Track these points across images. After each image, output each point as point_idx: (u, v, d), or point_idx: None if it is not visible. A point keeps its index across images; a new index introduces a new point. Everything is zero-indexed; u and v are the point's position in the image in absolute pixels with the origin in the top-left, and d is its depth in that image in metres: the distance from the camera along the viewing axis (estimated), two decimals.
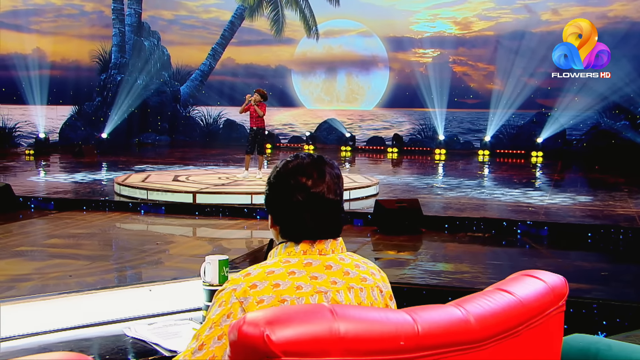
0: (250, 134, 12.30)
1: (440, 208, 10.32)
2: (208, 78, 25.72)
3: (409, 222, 8.95)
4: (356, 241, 8.47)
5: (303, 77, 25.38)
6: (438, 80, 22.93)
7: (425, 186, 13.06)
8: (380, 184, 12.72)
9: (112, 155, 19.45)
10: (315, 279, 1.83)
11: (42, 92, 21.24)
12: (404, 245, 8.26)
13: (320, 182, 1.90)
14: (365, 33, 24.64)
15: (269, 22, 25.08)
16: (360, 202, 10.62)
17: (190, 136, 25.26)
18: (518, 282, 1.61)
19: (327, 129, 23.88)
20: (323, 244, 1.91)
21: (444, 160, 20.02)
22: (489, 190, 12.69)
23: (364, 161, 19.99)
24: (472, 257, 7.80)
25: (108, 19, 24.72)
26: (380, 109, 24.64)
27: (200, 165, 16.40)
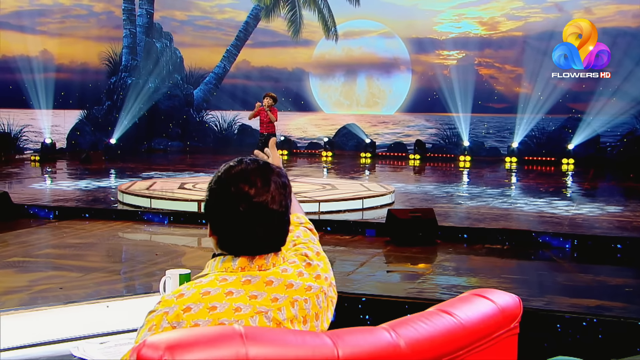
0: (260, 140, 12.29)
1: (458, 218, 10.21)
2: (222, 81, 25.81)
3: (423, 232, 8.86)
4: (367, 252, 8.40)
5: (321, 81, 25.37)
6: (463, 83, 22.79)
7: (445, 195, 12.94)
8: (397, 192, 12.63)
9: (120, 161, 19.56)
10: (255, 297, 1.78)
11: (48, 96, 21.43)
12: (416, 257, 8.17)
13: (264, 191, 1.85)
14: (386, 34, 24.57)
15: (285, 23, 25.13)
16: (374, 212, 10.54)
17: (204, 142, 25.34)
18: (463, 303, 1.54)
19: (346, 135, 23.82)
20: (263, 258, 1.86)
21: (468, 168, 19.87)
22: (512, 199, 12.55)
23: (384, 168, 19.90)
24: (488, 271, 7.69)
25: (118, 20, 24.91)
26: (402, 113, 24.53)
27: (211, 173, 16.37)
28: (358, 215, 10.40)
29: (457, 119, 22.46)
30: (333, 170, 19.03)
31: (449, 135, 23.08)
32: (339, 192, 11.68)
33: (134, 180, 14.17)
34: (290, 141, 23.59)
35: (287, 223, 1.92)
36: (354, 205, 10.77)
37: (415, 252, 8.40)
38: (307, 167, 20.01)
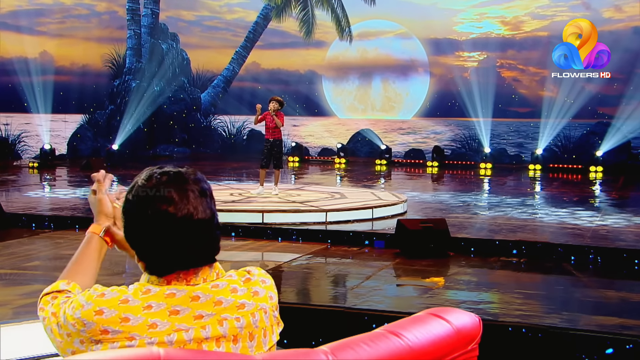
0: (266, 146, 12.25)
1: (473, 229, 10.12)
2: (231, 84, 25.87)
3: (435, 244, 8.78)
4: (374, 265, 8.33)
5: (335, 84, 25.35)
6: (484, 86, 22.68)
7: (461, 204, 12.85)
8: (410, 201, 12.56)
9: (123, 168, 19.60)
10: (176, 313, 1.74)
11: (48, 100, 21.56)
12: (426, 271, 8.09)
13: (183, 204, 1.79)
14: (403, 35, 24.53)
15: (297, 23, 25.16)
16: (384, 222, 10.47)
17: (212, 148, 25.39)
18: (415, 324, 1.48)
19: (361, 141, 23.78)
20: (193, 272, 1.82)
21: (489, 176, 19.75)
22: (533, 209, 12.43)
23: (399, 176, 19.83)
24: (502, 285, 7.60)
25: (122, 20, 25.05)
26: (419, 118, 24.46)
27: (217, 180, 16.40)
28: (367, 225, 10.34)
29: (478, 124, 22.35)
30: (346, 178, 18.98)
31: (468, 141, 22.97)
32: (348, 201, 11.62)
33: None
34: (302, 147, 23.57)
35: (216, 229, 1.87)
36: (363, 215, 10.71)
37: (425, 265, 8.32)
38: (318, 175, 19.97)
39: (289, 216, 10.39)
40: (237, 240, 9.82)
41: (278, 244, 9.61)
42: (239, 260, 8.88)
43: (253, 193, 12.26)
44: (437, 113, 24.07)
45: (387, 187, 16.22)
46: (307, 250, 9.15)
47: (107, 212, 2.17)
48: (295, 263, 8.44)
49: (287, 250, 9.23)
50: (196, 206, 1.81)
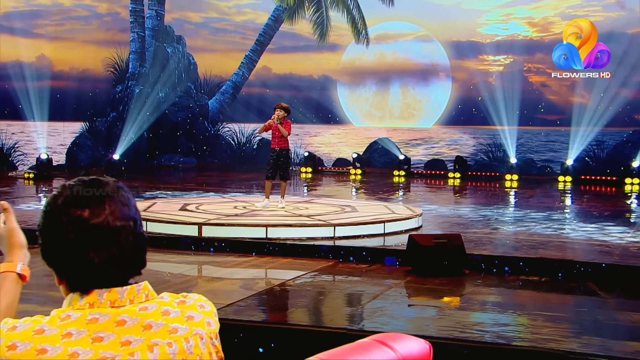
0: (271, 156, 12.25)
1: (492, 245, 10.04)
2: (240, 90, 25.93)
3: (449, 261, 8.71)
4: (383, 283, 8.27)
5: (350, 90, 25.33)
6: (510, 92, 22.60)
7: (481, 219, 12.77)
8: (427, 215, 12.51)
9: (124, 179, 19.67)
10: (100, 340, 1.69)
11: (46, 107, 21.66)
12: (438, 290, 8.02)
13: (99, 210, 1.76)
14: (423, 37, 24.49)
15: (311, 26, 25.20)
16: (397, 238, 10.41)
17: (219, 158, 25.45)
18: (356, 352, 1.44)
19: (378, 151, 23.74)
20: (116, 293, 1.78)
21: (515, 188, 19.65)
22: (559, 224, 12.33)
23: (418, 188, 19.77)
24: (520, 307, 7.52)
25: (125, 22, 25.20)
26: (440, 126, 24.38)
27: (222, 193, 16.43)
28: (378, 241, 10.29)
29: (503, 132, 22.25)
30: (361, 190, 18.95)
31: (493, 151, 22.87)
32: (359, 215, 11.57)
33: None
34: (315, 157, 23.55)
35: (141, 238, 1.83)
36: (374, 229, 10.66)
37: (438, 283, 8.26)
38: (332, 187, 19.96)
39: (294, 231, 10.36)
40: (238, 257, 9.79)
41: (282, 261, 9.57)
42: (239, 278, 8.86)
43: (258, 206, 12.25)
44: (459, 121, 23.98)
45: (403, 200, 16.15)
46: (313, 267, 9.11)
47: (20, 243, 2.14)
48: (299, 281, 8.41)
49: (291, 267, 9.19)
50: (114, 212, 1.77)
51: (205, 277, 9.20)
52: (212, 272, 9.37)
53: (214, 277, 9.10)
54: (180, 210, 11.91)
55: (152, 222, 10.88)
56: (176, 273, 9.15)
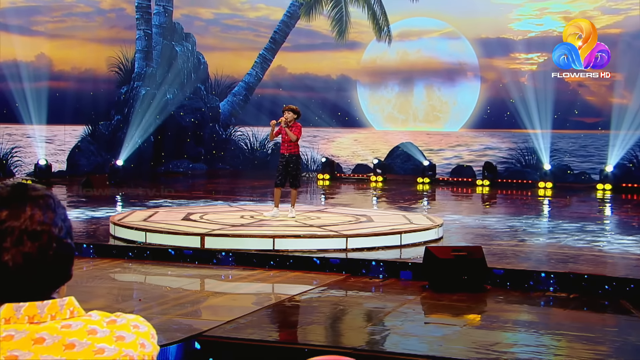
0: (281, 162, 12.20)
1: (517, 259, 9.94)
2: (254, 92, 25.96)
3: (469, 276, 8.62)
4: (396, 299, 8.21)
5: (371, 91, 25.31)
6: (544, 93, 22.45)
7: (508, 230, 12.67)
8: (449, 226, 12.44)
9: (128, 186, 19.74)
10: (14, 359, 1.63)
11: (45, 109, 21.77)
12: (456, 307, 7.94)
13: (19, 211, 1.71)
14: (450, 34, 24.42)
15: (329, 22, 25.21)
16: (415, 250, 10.32)
17: (231, 164, 25.49)
18: None
19: (401, 156, 23.67)
20: (35, 307, 1.72)
21: (549, 197, 19.51)
22: (592, 236, 12.19)
23: (443, 197, 19.70)
24: (544, 325, 7.43)
25: (131, 19, 25.33)
26: (468, 130, 24.28)
27: (230, 201, 16.44)
28: (394, 253, 10.21)
29: (536, 136, 22.10)
30: (382, 199, 18.89)
31: (525, 156, 22.74)
32: (374, 225, 11.50)
33: (134, 209, 14.23)
34: (333, 164, 23.51)
35: (66, 248, 1.77)
36: (390, 241, 10.58)
37: (455, 299, 8.17)
38: (350, 195, 19.91)
39: (303, 242, 10.30)
40: (243, 270, 9.77)
41: (290, 274, 9.54)
42: (242, 293, 8.83)
43: (266, 216, 12.21)
44: (488, 124, 23.89)
45: (425, 209, 16.08)
46: (323, 281, 9.07)
47: None
48: (307, 296, 8.37)
49: (299, 281, 9.16)
50: (34, 215, 1.72)
51: (205, 291, 9.16)
52: (213, 287, 9.34)
53: (215, 292, 9.08)
54: (182, 220, 11.90)
55: (151, 233, 10.88)
56: (174, 287, 9.13)
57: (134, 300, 8.40)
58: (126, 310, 7.91)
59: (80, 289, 8.87)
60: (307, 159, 24.32)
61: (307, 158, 24.29)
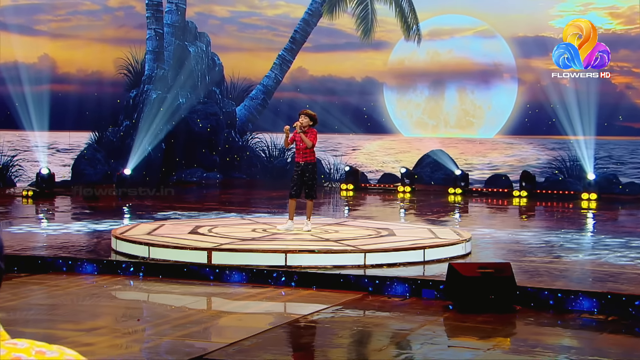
0: (296, 170, 12.17)
1: (550, 277, 9.84)
2: (273, 95, 25.97)
3: (496, 295, 8.54)
4: (416, 320, 8.18)
5: (399, 94, 25.24)
6: (587, 95, 22.26)
7: (544, 245, 12.57)
8: (479, 240, 12.42)
9: (136, 197, 19.81)
10: None
11: (49, 114, 21.87)
12: (481, 329, 7.88)
13: None
14: (484, 33, 24.33)
15: (354, 20, 25.18)
16: (438, 266, 10.25)
17: (249, 173, 25.49)
18: None
19: (431, 165, 23.56)
20: None
21: (593, 209, 19.33)
22: (637, 253, 12.03)
23: (477, 209, 19.64)
24: (578, 350, 7.38)
25: (141, 17, 25.43)
26: (504, 136, 24.15)
27: (243, 213, 16.45)
28: (417, 270, 10.15)
29: (578, 143, 21.91)
30: (409, 211, 18.83)
31: (567, 165, 22.57)
32: (396, 239, 11.44)
33: (140, 222, 14.27)
34: (357, 173, 23.43)
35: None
36: (412, 257, 10.51)
37: (481, 321, 8.10)
38: (375, 206, 19.87)
39: (318, 258, 10.25)
40: (252, 288, 9.74)
41: (302, 293, 9.52)
42: (250, 312, 8.82)
43: (280, 229, 12.18)
44: (526, 130, 23.73)
45: (455, 222, 16.01)
46: (338, 300, 9.03)
47: None
48: (319, 316, 8.34)
49: (312, 300, 9.15)
50: None
51: (210, 311, 9.16)
52: (219, 305, 9.33)
53: (221, 311, 9.06)
54: (190, 234, 11.89)
55: (155, 247, 10.88)
56: (178, 306, 9.13)
57: (131, 320, 8.40)
58: (122, 331, 7.92)
59: (75, 308, 8.90)
60: (329, 168, 24.31)
61: (329, 167, 24.28)
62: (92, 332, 7.81)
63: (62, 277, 10.35)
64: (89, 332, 7.88)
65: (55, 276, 10.38)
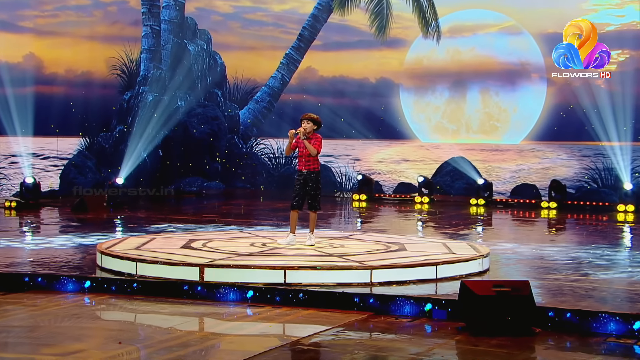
0: (298, 179, 12.17)
1: (574, 296, 9.75)
2: (279, 98, 25.97)
3: (513, 316, 8.47)
4: (424, 343, 8.14)
5: (417, 96, 25.24)
6: (624, 98, 22.24)
7: (570, 261, 12.50)
8: (500, 256, 12.43)
9: (129, 209, 19.82)
10: None
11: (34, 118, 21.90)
12: (495, 354, 7.81)
13: None
14: (511, 29, 24.33)
15: (367, 16, 25.20)
16: (452, 284, 10.19)
17: (253, 182, 25.50)
18: None
19: (452, 173, 23.55)
20: None
21: (630, 222, 19.27)
22: None
23: (501, 221, 19.60)
24: None
25: (136, 13, 25.51)
26: (531, 142, 24.12)
27: (243, 226, 16.43)
28: (428, 288, 10.08)
29: (613, 150, 21.85)
30: (427, 224, 18.77)
31: (601, 174, 22.50)
32: (406, 254, 11.39)
33: (131, 235, 14.27)
34: (371, 182, 23.41)
35: None
36: (423, 273, 10.46)
37: (495, 345, 8.04)
38: (389, 219, 19.83)
39: (320, 275, 10.21)
40: (247, 307, 9.71)
41: (302, 312, 9.48)
42: (244, 334, 8.77)
43: (281, 243, 12.16)
44: (556, 135, 23.71)
45: (475, 236, 15.98)
46: (340, 320, 9.00)
47: None
48: (319, 338, 8.31)
49: (312, 320, 9.13)
50: None
51: (200, 332, 9.09)
52: (210, 327, 9.27)
53: (212, 333, 9.02)
54: (182, 248, 11.88)
55: (142, 263, 10.87)
56: (164, 327, 9.09)
57: (112, 343, 8.36)
58: (103, 355, 7.87)
59: (51, 330, 8.87)
60: (340, 177, 24.28)
61: (340, 175, 24.25)
62: (68, 355, 7.79)
63: (39, 296, 10.31)
64: (65, 354, 7.86)
65: (34, 295, 10.36)
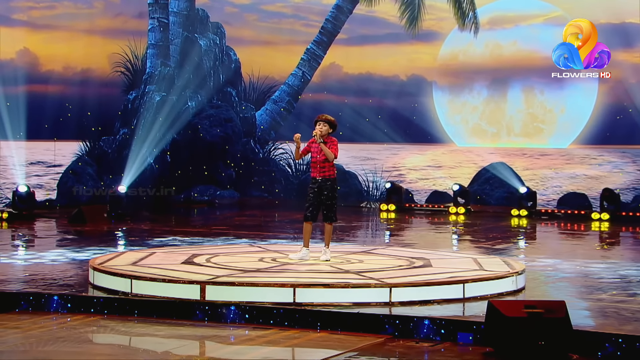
0: (312, 188, 12.16)
1: (618, 319, 9.65)
2: (299, 97, 25.98)
3: (546, 341, 8.40)
4: None
5: (452, 95, 25.22)
6: None
7: (618, 280, 12.41)
8: (537, 273, 12.43)
9: (131, 220, 19.87)
10: None
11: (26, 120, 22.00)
12: None
13: None
14: (557, 20, 24.32)
15: (397, 7, 25.22)
16: (480, 305, 10.11)
17: (270, 190, 25.52)
18: None
19: (491, 181, 23.49)
20: None
21: None
22: None
23: (545, 234, 19.55)
24: None
25: (141, 4, 25.64)
26: (581, 146, 24.03)
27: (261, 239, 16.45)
28: (454, 309, 10.01)
29: None
30: (462, 237, 18.70)
31: None
32: (431, 271, 11.34)
33: (130, 249, 14.30)
34: (401, 190, 23.38)
35: None
36: (449, 292, 10.39)
37: None
38: (419, 231, 19.77)
39: (333, 293, 10.17)
40: (253, 329, 9.69)
41: (312, 335, 9.45)
42: (247, 359, 8.75)
43: (292, 258, 12.14)
44: (608, 139, 23.60)
45: (514, 251, 15.89)
46: (354, 344, 8.97)
47: None
48: None
49: (323, 344, 9.11)
50: None
51: (200, 357, 9.08)
52: (211, 350, 9.26)
53: (212, 358, 9.00)
54: (183, 264, 11.88)
55: (138, 280, 10.86)
56: (160, 352, 9.10)
57: None
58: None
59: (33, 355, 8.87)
60: (367, 184, 24.25)
61: (367, 183, 24.22)
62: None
63: (23, 317, 10.33)
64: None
65: (17, 316, 10.38)
